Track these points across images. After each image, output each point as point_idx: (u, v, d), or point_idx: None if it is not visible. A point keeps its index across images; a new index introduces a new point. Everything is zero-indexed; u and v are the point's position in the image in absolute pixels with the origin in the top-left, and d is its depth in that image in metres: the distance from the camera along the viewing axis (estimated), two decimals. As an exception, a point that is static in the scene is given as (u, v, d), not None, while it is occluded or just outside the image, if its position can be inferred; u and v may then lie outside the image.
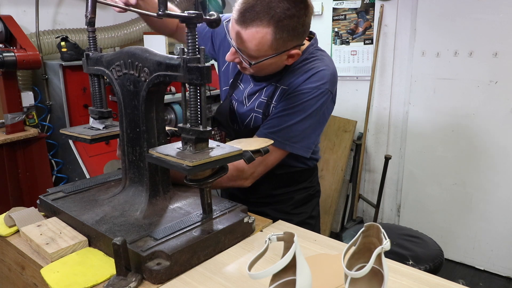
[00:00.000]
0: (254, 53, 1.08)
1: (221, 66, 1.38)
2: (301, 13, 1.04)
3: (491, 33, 2.61)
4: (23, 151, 2.23)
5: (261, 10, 1.02)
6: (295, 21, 1.04)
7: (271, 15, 1.02)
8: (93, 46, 1.10)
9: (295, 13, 1.03)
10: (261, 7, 1.02)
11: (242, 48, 1.08)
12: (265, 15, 1.02)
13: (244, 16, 1.03)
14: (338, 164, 3.18)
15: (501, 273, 2.84)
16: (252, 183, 1.23)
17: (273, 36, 1.04)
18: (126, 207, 1.00)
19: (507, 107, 2.64)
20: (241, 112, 1.31)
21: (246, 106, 1.28)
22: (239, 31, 1.05)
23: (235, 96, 1.32)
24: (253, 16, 1.02)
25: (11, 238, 1.00)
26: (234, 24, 1.06)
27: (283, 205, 1.38)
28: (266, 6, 1.01)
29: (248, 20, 1.03)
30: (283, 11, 1.02)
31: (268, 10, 1.01)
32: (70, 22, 2.67)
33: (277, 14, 1.02)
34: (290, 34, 1.06)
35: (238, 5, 1.05)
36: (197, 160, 0.81)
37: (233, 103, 1.33)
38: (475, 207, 2.87)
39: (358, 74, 3.20)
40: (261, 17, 1.02)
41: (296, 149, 1.20)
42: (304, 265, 0.67)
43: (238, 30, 1.05)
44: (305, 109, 1.16)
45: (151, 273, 0.80)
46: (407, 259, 1.75)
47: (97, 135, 1.10)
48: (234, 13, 1.06)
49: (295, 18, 1.04)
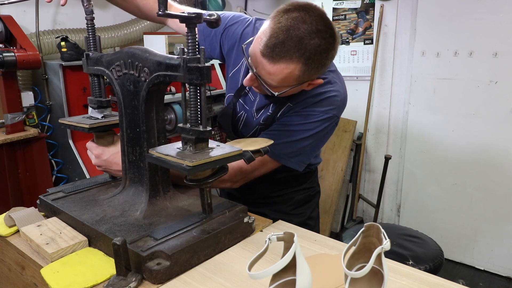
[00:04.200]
0: (277, 84, 1.04)
1: (229, 71, 1.32)
2: (330, 47, 1.00)
3: (491, 33, 2.61)
4: (23, 151, 2.22)
5: (291, 46, 0.96)
6: (324, 56, 1.00)
7: (302, 53, 0.96)
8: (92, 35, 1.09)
9: (325, 48, 0.98)
10: (291, 42, 0.95)
11: (265, 79, 1.04)
12: (295, 52, 0.96)
13: (273, 52, 0.97)
14: (338, 164, 3.18)
15: (501, 273, 2.84)
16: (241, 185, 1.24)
17: (300, 71, 1.00)
18: (126, 207, 1.00)
19: (507, 107, 2.64)
20: (249, 124, 1.29)
21: (255, 118, 1.27)
22: (265, 64, 1.00)
23: (245, 105, 1.28)
24: (283, 53, 0.96)
25: (11, 238, 1.00)
26: (260, 56, 1.00)
27: (282, 205, 1.38)
28: (297, 42, 0.95)
29: (277, 56, 0.97)
30: (314, 47, 0.96)
31: (299, 46, 0.96)
32: (70, 22, 2.66)
33: (307, 52, 0.96)
34: (317, 68, 1.02)
35: (266, 38, 0.98)
36: (197, 160, 0.81)
37: (243, 114, 1.30)
38: (475, 207, 2.87)
39: (358, 74, 3.20)
40: (291, 54, 0.96)
41: (291, 163, 1.19)
42: (304, 265, 0.67)
43: (265, 63, 1.00)
44: (308, 130, 1.15)
45: (151, 273, 0.80)
46: (407, 259, 1.75)
47: (95, 124, 1.10)
48: (261, 45, 0.99)
49: (324, 54, 0.99)
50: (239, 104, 1.30)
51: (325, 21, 0.98)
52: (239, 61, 1.27)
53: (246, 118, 1.29)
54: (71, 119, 1.14)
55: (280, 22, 0.97)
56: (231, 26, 1.27)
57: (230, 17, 1.29)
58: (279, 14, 0.99)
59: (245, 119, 1.30)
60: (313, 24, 0.96)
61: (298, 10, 0.97)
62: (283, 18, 0.97)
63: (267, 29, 0.99)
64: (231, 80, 1.32)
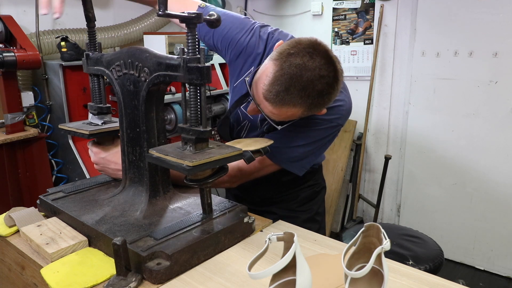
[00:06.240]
0: (280, 120, 1.04)
1: (233, 81, 1.29)
2: (333, 90, 0.98)
3: (491, 33, 2.61)
4: (23, 151, 2.22)
5: (294, 94, 0.94)
6: (327, 98, 0.98)
7: (305, 100, 0.95)
8: (92, 42, 1.09)
9: (328, 92, 0.97)
10: (294, 90, 0.94)
11: (268, 115, 1.03)
12: (298, 99, 0.95)
13: (276, 97, 0.95)
14: (338, 164, 3.18)
15: (501, 273, 2.84)
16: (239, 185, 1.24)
17: (303, 112, 1.00)
18: (126, 207, 1.00)
19: (507, 107, 2.64)
20: (252, 133, 1.28)
21: (259, 128, 1.26)
22: (268, 106, 0.99)
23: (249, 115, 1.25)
24: (286, 100, 0.95)
25: (11, 238, 1.00)
26: (263, 99, 0.98)
27: (288, 203, 1.38)
28: (300, 91, 0.94)
29: (280, 102, 0.96)
30: (317, 93, 0.95)
31: (302, 94, 0.94)
32: (70, 22, 2.66)
33: (311, 98, 0.95)
34: (320, 107, 1.01)
35: (269, 83, 0.95)
36: (197, 160, 0.81)
37: (246, 123, 1.29)
38: (475, 207, 2.87)
39: (358, 74, 3.20)
40: (294, 102, 0.95)
41: (292, 167, 1.19)
42: (304, 265, 0.67)
43: (267, 105, 0.99)
44: (311, 136, 1.15)
45: (151, 273, 0.80)
46: (407, 259, 1.75)
47: (95, 130, 1.10)
48: (264, 89, 0.97)
49: (327, 96, 0.98)
50: (242, 113, 1.29)
51: (329, 63, 0.95)
52: (244, 72, 1.24)
53: (250, 127, 1.28)
54: (71, 125, 1.15)
55: (283, 69, 0.94)
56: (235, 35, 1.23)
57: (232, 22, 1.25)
58: (282, 57, 0.95)
59: (249, 128, 1.29)
60: (316, 70, 0.93)
61: (302, 56, 0.94)
62: (286, 65, 0.94)
63: (270, 73, 0.96)
64: (235, 91, 1.29)
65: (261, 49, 1.20)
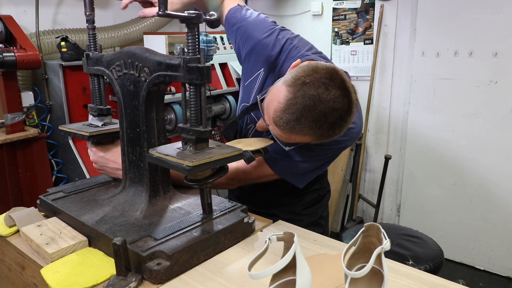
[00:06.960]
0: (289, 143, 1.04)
1: (244, 79, 1.27)
2: (346, 123, 0.95)
3: (491, 33, 2.61)
4: (23, 151, 2.22)
5: (306, 125, 0.91)
6: (338, 131, 0.96)
7: (315, 130, 0.93)
8: (93, 44, 1.10)
9: (340, 124, 0.94)
10: (306, 121, 0.91)
11: (277, 137, 1.02)
12: (309, 130, 0.92)
13: (287, 125, 0.93)
14: (338, 164, 3.18)
15: (501, 273, 2.84)
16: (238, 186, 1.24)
17: (313, 141, 0.98)
18: (126, 207, 1.00)
19: (507, 107, 2.64)
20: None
21: (264, 134, 1.25)
22: (278, 131, 0.97)
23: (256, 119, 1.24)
24: (296, 129, 0.93)
25: (11, 238, 1.00)
26: (273, 123, 0.96)
27: (293, 206, 1.36)
28: (312, 121, 0.91)
29: (290, 130, 0.94)
30: (329, 125, 0.92)
31: (313, 126, 0.91)
32: (70, 22, 2.66)
33: (321, 129, 0.93)
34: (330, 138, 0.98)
35: (281, 110, 0.93)
36: (197, 160, 0.81)
37: (252, 127, 1.28)
38: (475, 207, 2.87)
39: (358, 74, 3.20)
40: (304, 132, 0.93)
41: (293, 180, 1.19)
42: (304, 265, 0.67)
43: (277, 130, 0.97)
44: (317, 155, 1.14)
45: (151, 273, 0.80)
46: (407, 259, 1.75)
47: (95, 132, 1.10)
48: (275, 115, 0.94)
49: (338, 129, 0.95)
50: (249, 117, 1.28)
51: (344, 95, 0.92)
52: (255, 71, 1.23)
53: (255, 132, 1.27)
54: (71, 126, 1.15)
55: (296, 97, 0.91)
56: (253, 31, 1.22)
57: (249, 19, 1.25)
58: (296, 85, 0.92)
59: (254, 133, 1.28)
60: (330, 103, 0.90)
61: (317, 86, 0.90)
62: (300, 94, 0.91)
63: (282, 99, 0.93)
64: (245, 90, 1.27)
65: (276, 52, 1.17)
